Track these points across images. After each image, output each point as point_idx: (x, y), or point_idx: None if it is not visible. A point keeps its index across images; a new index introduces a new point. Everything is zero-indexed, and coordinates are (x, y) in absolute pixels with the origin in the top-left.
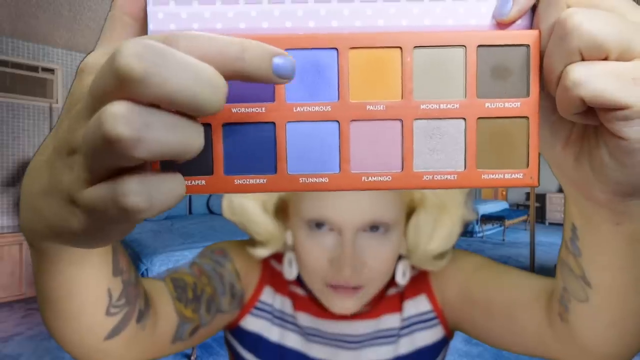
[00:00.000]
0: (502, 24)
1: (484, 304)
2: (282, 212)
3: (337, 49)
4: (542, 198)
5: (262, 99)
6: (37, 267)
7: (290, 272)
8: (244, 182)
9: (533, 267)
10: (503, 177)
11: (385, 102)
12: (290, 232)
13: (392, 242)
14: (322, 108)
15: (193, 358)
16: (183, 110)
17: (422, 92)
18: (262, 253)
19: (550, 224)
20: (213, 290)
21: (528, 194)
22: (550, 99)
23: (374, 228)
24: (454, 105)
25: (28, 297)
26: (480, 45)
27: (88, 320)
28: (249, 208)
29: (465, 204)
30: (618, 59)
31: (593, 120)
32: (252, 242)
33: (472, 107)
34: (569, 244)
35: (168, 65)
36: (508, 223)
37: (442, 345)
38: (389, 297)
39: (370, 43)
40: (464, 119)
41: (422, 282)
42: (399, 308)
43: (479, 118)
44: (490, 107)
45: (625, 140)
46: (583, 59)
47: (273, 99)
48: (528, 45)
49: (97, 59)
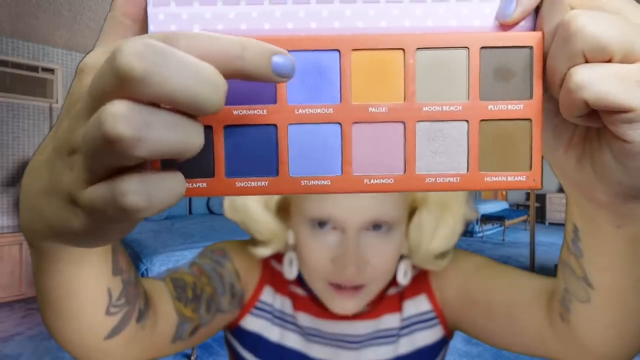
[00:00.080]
0: (505, 26)
1: (484, 304)
2: (283, 211)
3: (339, 51)
4: (542, 198)
5: (263, 101)
6: (36, 266)
7: (291, 271)
8: (245, 184)
9: (533, 267)
10: (506, 179)
11: (388, 104)
12: (292, 231)
13: (394, 240)
14: (324, 110)
15: (193, 358)
16: (183, 109)
17: (424, 94)
18: (263, 252)
19: (550, 224)
20: (213, 290)
21: (528, 194)
22: (553, 101)
23: (377, 227)
24: (457, 108)
25: (28, 297)
26: (483, 47)
27: (88, 320)
28: (251, 207)
29: (467, 203)
30: (622, 61)
31: (596, 123)
32: (252, 241)
33: (474, 109)
34: (571, 245)
35: (168, 65)
36: (508, 223)
37: (441, 345)
38: (389, 297)
39: (373, 45)
40: (467, 121)
41: (422, 281)
42: (399, 308)
43: (482, 120)
44: (493, 109)
45: (629, 143)
46: (586, 61)
47: (275, 101)
48: (531, 47)
49: (96, 59)
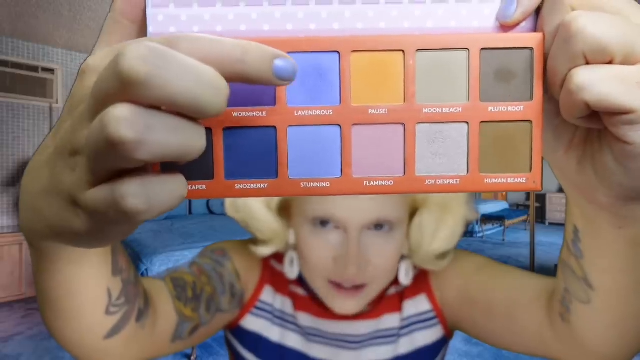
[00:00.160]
0: (505, 27)
1: (484, 304)
2: (285, 210)
3: (338, 52)
4: (542, 198)
5: (263, 103)
6: (36, 266)
7: (292, 271)
8: (245, 186)
9: (533, 267)
10: (506, 181)
11: (388, 105)
12: (293, 230)
13: (396, 240)
14: (323, 112)
15: (193, 358)
16: (185, 112)
17: (424, 95)
18: (264, 251)
19: (550, 224)
20: (213, 290)
21: (528, 194)
22: (554, 103)
23: (379, 226)
24: (457, 109)
25: (28, 297)
26: (484, 48)
27: (88, 320)
28: (253, 206)
29: (468, 204)
30: (622, 63)
31: (597, 124)
32: (253, 241)
33: (475, 110)
34: (571, 246)
35: (170, 68)
36: (508, 223)
37: (441, 345)
38: (389, 296)
39: (373, 46)
40: (467, 123)
41: (422, 281)
42: (399, 308)
43: (482, 122)
44: (493, 110)
45: (630, 145)
46: (587, 63)
47: (274, 103)
48: (532, 48)
49: (98, 61)
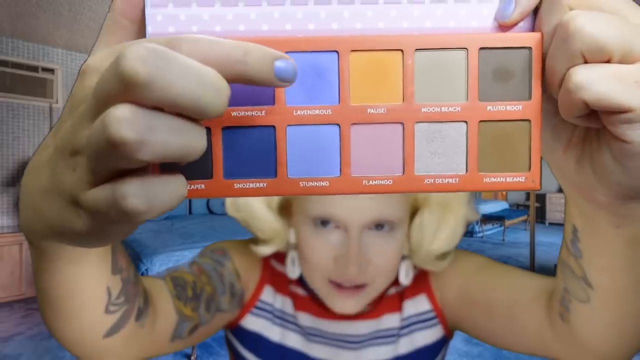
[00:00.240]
0: (504, 27)
1: (485, 304)
2: (285, 209)
3: (337, 52)
4: (542, 198)
5: (262, 102)
6: (36, 265)
7: (293, 270)
8: (244, 186)
9: (533, 267)
10: (505, 180)
11: (387, 105)
12: (293, 230)
13: (397, 240)
14: (322, 111)
15: (193, 358)
16: (186, 114)
17: (423, 95)
18: (264, 251)
19: (550, 224)
20: (213, 289)
21: (528, 194)
22: (552, 102)
23: (379, 226)
24: (456, 108)
25: (28, 297)
26: (482, 48)
27: (87, 319)
28: (253, 205)
29: (469, 204)
30: (620, 62)
31: (595, 123)
32: (253, 241)
33: (473, 110)
34: (570, 246)
35: (172, 69)
36: (508, 223)
37: (441, 345)
38: (389, 296)
39: (371, 46)
40: (466, 122)
41: (422, 281)
42: (399, 308)
43: (481, 121)
44: (492, 110)
45: (628, 143)
46: (585, 62)
47: (273, 102)
48: (530, 48)
49: (99, 61)
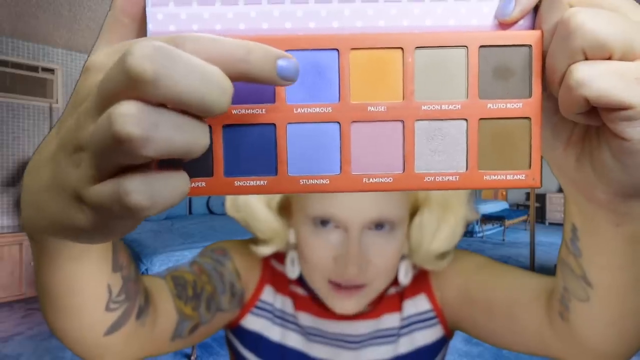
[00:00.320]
0: (504, 24)
1: (484, 304)
2: (285, 209)
3: (337, 50)
4: (542, 198)
5: (262, 100)
6: (37, 262)
7: (293, 270)
8: (244, 183)
9: (533, 267)
10: (505, 178)
11: (387, 103)
12: (293, 230)
13: (396, 240)
14: (322, 109)
15: (193, 358)
16: (190, 111)
17: (423, 93)
18: (264, 251)
19: (550, 224)
20: (213, 289)
21: (528, 194)
22: (552, 100)
23: (379, 226)
24: (456, 106)
25: (28, 297)
26: (482, 46)
27: (88, 316)
28: (253, 205)
29: (468, 204)
30: (621, 59)
31: (595, 121)
32: (253, 240)
33: (473, 107)
34: (570, 244)
35: (177, 67)
36: (508, 223)
37: (441, 345)
38: (389, 296)
39: (372, 44)
40: (466, 120)
41: (421, 281)
42: (399, 307)
43: (481, 119)
44: (492, 107)
45: (628, 141)
46: (586, 59)
47: (273, 100)
48: (530, 46)
49: (103, 59)
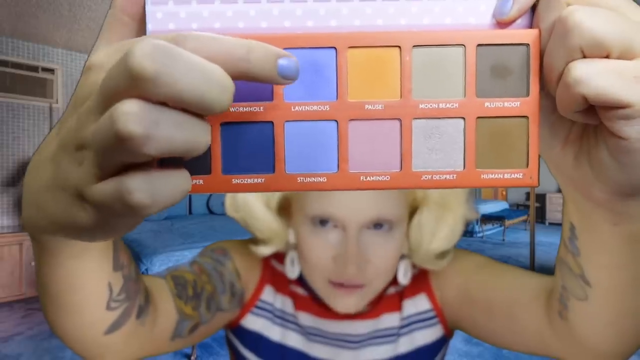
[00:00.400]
0: (501, 23)
1: (484, 303)
2: (284, 209)
3: (335, 48)
4: (542, 198)
5: (260, 98)
6: (38, 260)
7: (293, 271)
8: (242, 181)
9: (533, 267)
10: (502, 176)
11: (384, 101)
12: (293, 230)
13: (395, 240)
14: (320, 107)
15: (193, 358)
16: (191, 109)
17: (421, 91)
18: (264, 251)
19: (550, 224)
20: (213, 289)
21: (528, 194)
22: (550, 99)
23: (378, 225)
24: (453, 105)
25: (28, 297)
26: (480, 45)
27: (88, 315)
28: (253, 205)
29: (467, 203)
30: (619, 58)
31: (593, 119)
32: (253, 240)
33: (471, 106)
34: (568, 243)
35: (178, 66)
36: (508, 223)
37: (441, 344)
38: (389, 296)
39: (369, 42)
40: (463, 119)
41: (421, 281)
42: (399, 307)
43: (478, 117)
44: (490, 106)
45: (625, 140)
46: (584, 57)
47: (271, 98)
48: (528, 45)
49: (104, 58)
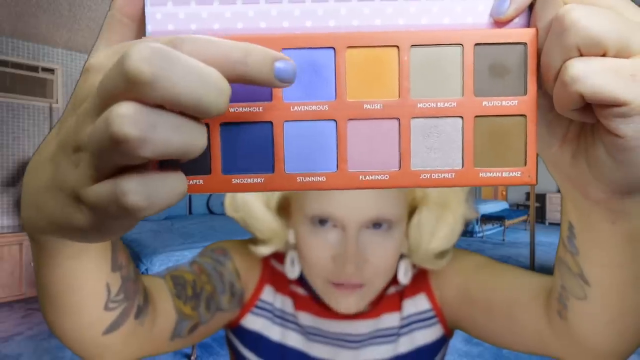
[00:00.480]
0: (499, 23)
1: (484, 303)
2: (284, 209)
3: (334, 48)
4: (542, 198)
5: (259, 99)
6: (37, 260)
7: (293, 271)
8: (242, 181)
9: (533, 267)
10: (501, 175)
11: (383, 101)
12: (292, 230)
13: (394, 239)
14: (319, 107)
15: (193, 358)
16: (188, 112)
17: (419, 90)
18: (263, 251)
19: (550, 224)
20: (213, 289)
21: (528, 194)
22: (547, 98)
23: (377, 225)
24: (451, 104)
25: (28, 297)
26: (478, 44)
27: (87, 315)
28: (252, 205)
29: (467, 203)
30: (616, 56)
31: (590, 118)
32: (253, 240)
33: (469, 105)
34: (567, 242)
35: (175, 69)
36: (508, 223)
37: (441, 344)
38: (389, 296)
39: (368, 42)
40: (461, 118)
41: (421, 281)
42: (399, 307)
43: (476, 116)
44: (488, 105)
45: (622, 138)
46: (581, 56)
47: (270, 99)
48: (525, 44)
49: (102, 60)
